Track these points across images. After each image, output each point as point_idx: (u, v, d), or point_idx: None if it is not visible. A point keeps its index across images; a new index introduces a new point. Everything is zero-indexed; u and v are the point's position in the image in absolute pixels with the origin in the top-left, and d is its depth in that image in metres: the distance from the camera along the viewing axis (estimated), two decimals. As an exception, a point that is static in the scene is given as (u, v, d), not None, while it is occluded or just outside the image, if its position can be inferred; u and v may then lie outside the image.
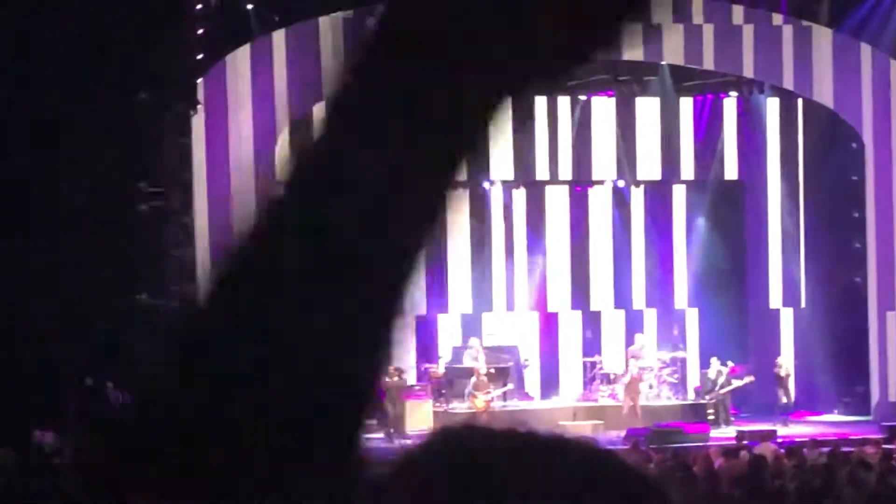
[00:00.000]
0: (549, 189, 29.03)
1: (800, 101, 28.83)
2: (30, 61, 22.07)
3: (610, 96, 29.04)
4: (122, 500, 1.44)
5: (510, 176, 28.27)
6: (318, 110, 25.97)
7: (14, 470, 18.81)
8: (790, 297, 29.33)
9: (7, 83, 21.90)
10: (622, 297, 29.14)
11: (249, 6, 25.88)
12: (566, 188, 29.14)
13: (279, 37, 26.07)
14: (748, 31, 27.53)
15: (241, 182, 25.47)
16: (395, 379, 23.72)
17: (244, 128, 25.83)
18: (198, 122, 25.31)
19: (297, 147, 1.46)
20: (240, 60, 25.90)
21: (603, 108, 29.05)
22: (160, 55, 23.92)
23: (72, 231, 22.61)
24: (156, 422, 1.44)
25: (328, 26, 26.14)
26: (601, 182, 29.19)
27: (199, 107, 25.00)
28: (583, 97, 28.67)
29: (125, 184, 24.21)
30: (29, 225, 22.26)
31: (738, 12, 27.58)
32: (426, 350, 27.64)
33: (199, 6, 25.01)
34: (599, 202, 29.24)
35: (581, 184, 29.12)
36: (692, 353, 28.78)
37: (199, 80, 25.10)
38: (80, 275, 22.49)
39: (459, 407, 25.21)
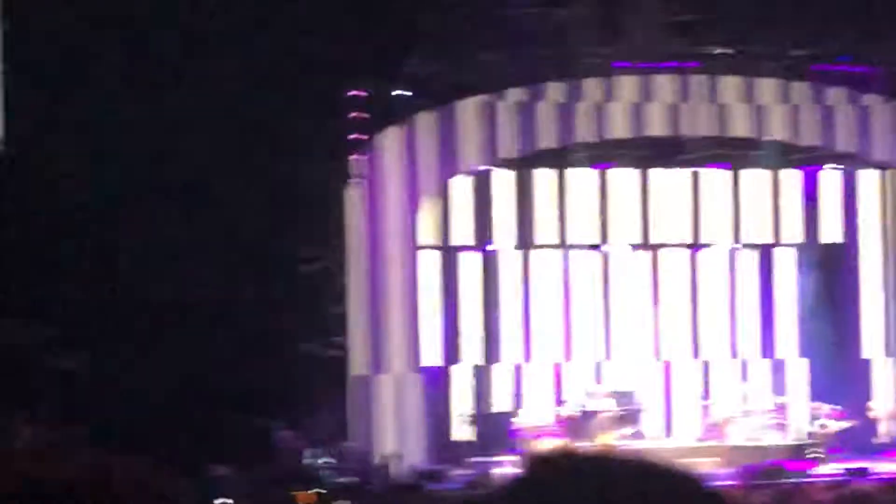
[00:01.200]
0: (666, 251, 28.98)
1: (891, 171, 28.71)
2: (207, 137, 22.63)
3: (722, 168, 28.88)
4: None
5: (638, 240, 28.51)
6: (454, 182, 26.52)
7: (190, 499, 19.48)
8: (890, 347, 28.99)
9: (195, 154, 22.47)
10: (733, 347, 28.86)
11: (398, 93, 26.02)
12: (684, 250, 28.95)
13: (423, 119, 26.17)
14: (848, 111, 27.49)
15: (390, 246, 25.99)
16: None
17: (393, 198, 25.93)
18: (353, 195, 25.70)
19: None
20: (390, 139, 26.01)
21: (717, 178, 28.87)
22: (323, 136, 24.57)
23: (249, 284, 23.13)
24: None
25: (465, 110, 26.37)
26: (715, 244, 28.96)
27: (355, 180, 25.64)
28: (699, 168, 28.61)
29: (292, 246, 24.76)
30: (212, 274, 22.76)
31: (837, 94, 27.48)
32: (557, 394, 27.66)
33: (355, 93, 25.57)
34: (713, 262, 29.02)
35: (696, 246, 28.92)
36: (796, 399, 28.39)
37: (356, 157, 25.65)
38: (253, 321, 23.08)
39: (589, 445, 24.73)
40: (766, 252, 29.36)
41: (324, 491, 21.48)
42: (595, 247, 28.52)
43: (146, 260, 22.30)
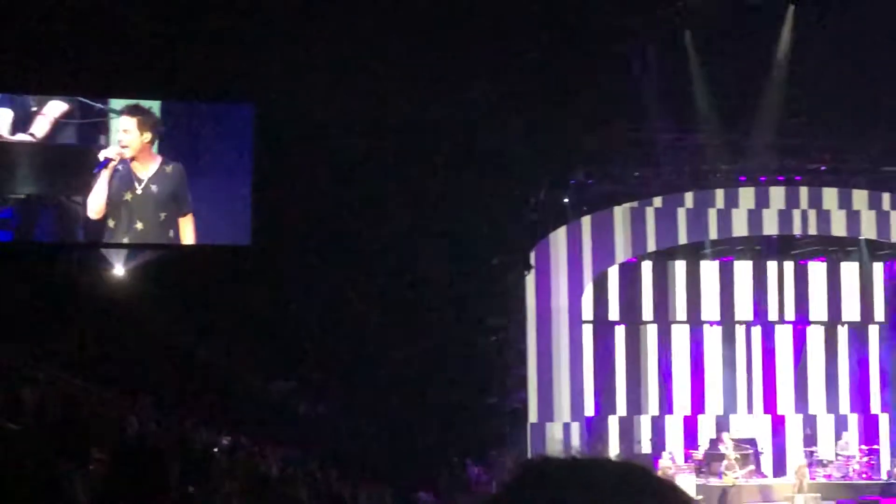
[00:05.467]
0: (778, 327, 28.29)
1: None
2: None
3: (822, 261, 28.32)
4: None
5: (749, 318, 27.97)
6: (609, 272, 26.42)
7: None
8: None
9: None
10: (832, 404, 28.12)
11: (566, 199, 25.99)
12: (790, 326, 28.28)
13: (586, 221, 26.07)
14: (924, 214, 26.95)
15: (558, 321, 25.69)
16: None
17: (561, 283, 25.76)
18: (530, 279, 25.45)
19: None
20: (559, 237, 25.90)
21: (817, 269, 28.33)
22: (510, 234, 24.55)
23: (454, 352, 22.92)
24: None
25: (619, 213, 26.19)
26: (817, 322, 28.38)
27: (531, 269, 25.36)
28: (802, 262, 28.11)
29: (482, 320, 24.65)
30: (426, 345, 22.63)
31: None
32: (691, 440, 27.19)
33: (532, 201, 25.51)
34: (815, 336, 28.38)
35: (801, 322, 28.30)
36: (885, 446, 27.61)
37: (532, 251, 25.43)
38: (455, 380, 22.83)
39: (715, 482, 24.68)
40: (857, 329, 28.57)
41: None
42: (720, 323, 28.00)
43: (375, 331, 22.13)
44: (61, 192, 19.54)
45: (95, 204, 19.46)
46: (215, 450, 20.86)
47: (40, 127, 19.04)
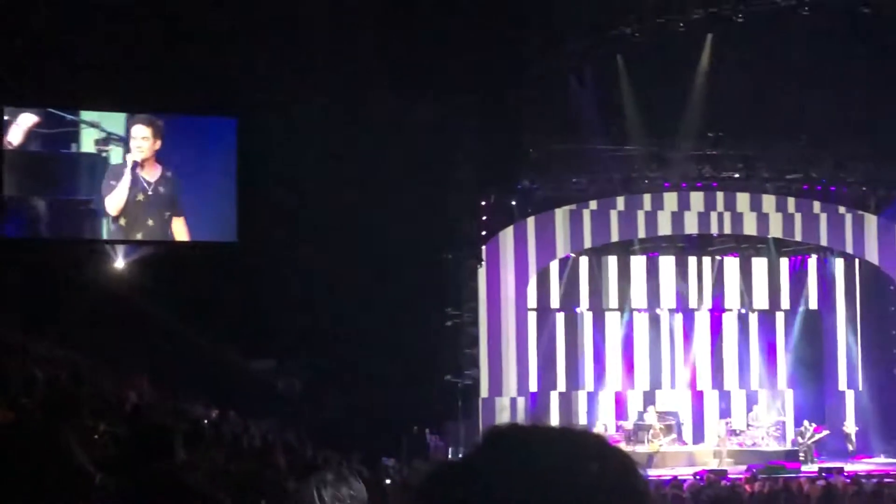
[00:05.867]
0: (698, 313, 28.42)
1: (857, 260, 28.05)
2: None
3: (735, 257, 28.46)
4: None
5: (672, 306, 28.12)
6: (551, 266, 26.35)
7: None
8: (853, 382, 28.26)
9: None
10: (745, 381, 28.27)
11: (513, 202, 26.00)
12: (708, 313, 28.44)
13: (531, 221, 26.05)
14: (823, 217, 27.04)
15: (506, 309, 25.65)
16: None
17: (508, 276, 25.71)
18: (482, 272, 25.48)
19: None
20: (507, 235, 25.87)
21: (731, 264, 28.47)
22: (463, 232, 24.48)
23: (412, 335, 22.83)
24: None
25: (559, 215, 26.22)
26: (731, 309, 28.49)
27: (482, 262, 25.37)
28: (718, 257, 28.27)
29: (440, 307, 24.59)
30: (386, 329, 22.47)
31: (816, 205, 27.04)
32: (621, 412, 27.29)
33: (483, 203, 25.51)
34: (729, 321, 28.52)
35: (717, 310, 28.45)
36: (789, 417, 27.82)
37: (483, 248, 25.44)
38: (414, 359, 22.74)
39: (642, 449, 24.62)
40: (766, 315, 28.76)
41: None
42: (647, 310, 28.09)
43: (344, 317, 22.09)
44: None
45: (117, 203, 19.52)
46: (205, 422, 20.89)
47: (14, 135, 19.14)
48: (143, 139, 19.54)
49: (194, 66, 19.97)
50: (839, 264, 28.57)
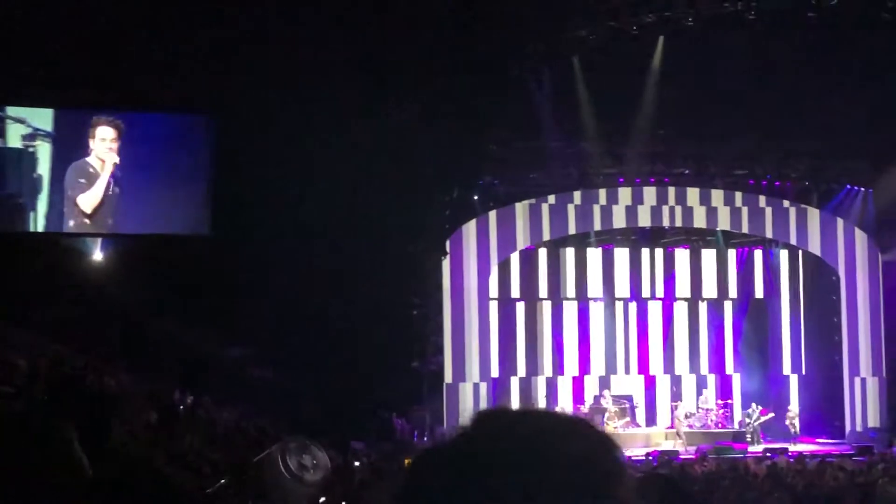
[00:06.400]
0: (650, 302, 28.54)
1: (800, 251, 28.30)
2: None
3: (686, 248, 28.61)
4: None
5: (627, 295, 28.24)
6: (512, 257, 26.38)
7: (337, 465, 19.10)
8: (797, 367, 28.53)
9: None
10: (695, 366, 28.43)
11: (476, 197, 26.09)
12: (660, 302, 28.56)
13: (492, 215, 26.13)
14: (769, 211, 27.26)
15: (468, 298, 25.72)
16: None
17: (471, 267, 25.79)
18: (446, 264, 25.50)
19: None
20: (470, 228, 25.95)
21: (682, 255, 28.62)
22: (428, 226, 24.48)
23: (380, 323, 22.80)
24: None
25: (519, 209, 26.28)
26: (682, 298, 28.59)
27: (446, 255, 25.41)
28: (670, 249, 28.43)
29: (406, 297, 24.57)
30: (356, 317, 22.42)
31: (762, 200, 27.24)
32: (578, 396, 27.36)
33: (447, 198, 25.51)
34: (680, 310, 28.63)
35: (669, 299, 28.57)
36: (736, 400, 28.01)
37: (447, 241, 25.49)
38: (382, 347, 22.69)
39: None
40: (715, 304, 28.91)
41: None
42: (603, 299, 28.16)
43: (315, 307, 22.02)
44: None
45: (92, 201, 19.37)
46: (181, 407, 20.80)
47: None
48: (112, 140, 19.38)
49: (165, 62, 19.82)
50: (784, 255, 28.78)
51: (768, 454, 21.99)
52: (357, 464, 18.65)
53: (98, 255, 21.38)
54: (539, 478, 1.49)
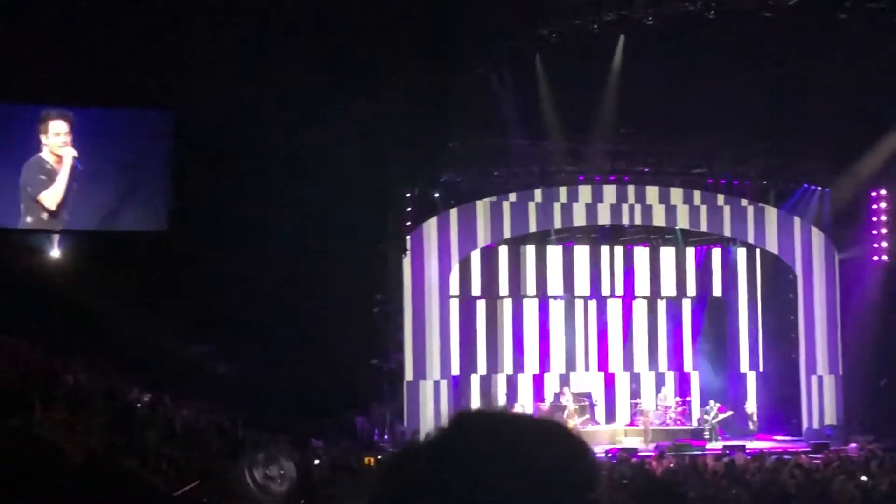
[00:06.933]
0: (610, 300, 28.59)
1: (758, 250, 28.44)
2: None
3: (645, 246, 28.69)
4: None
5: (586, 293, 28.28)
6: (472, 255, 26.36)
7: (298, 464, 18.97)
8: (754, 365, 28.68)
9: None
10: (653, 363, 28.51)
11: (437, 194, 26.02)
12: (619, 300, 28.59)
13: (453, 212, 26.08)
14: (727, 209, 27.39)
15: (429, 296, 25.64)
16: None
17: (432, 264, 25.71)
18: (407, 261, 25.38)
19: None
20: (431, 226, 25.87)
21: (641, 253, 28.70)
22: (389, 223, 24.39)
23: (343, 320, 22.70)
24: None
25: (480, 206, 26.26)
26: (641, 296, 28.68)
27: (407, 252, 25.29)
28: (629, 247, 28.45)
29: (367, 295, 24.47)
30: (319, 314, 22.29)
31: (720, 198, 27.38)
32: (538, 394, 27.35)
33: (409, 195, 25.44)
34: (639, 308, 28.71)
35: (628, 296, 28.64)
36: (695, 398, 28.11)
37: (408, 238, 25.37)
38: (344, 344, 22.59)
39: None
40: (673, 302, 29.02)
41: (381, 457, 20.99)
42: (563, 297, 28.13)
43: (276, 304, 21.87)
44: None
45: (55, 196, 19.14)
46: (138, 405, 20.59)
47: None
48: (66, 134, 19.15)
49: (127, 57, 19.62)
50: (741, 254, 28.91)
51: (726, 451, 22.04)
52: (316, 462, 18.57)
53: (55, 252, 21.14)
54: (518, 483, 1.50)
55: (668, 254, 28.68)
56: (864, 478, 16.41)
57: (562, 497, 1.52)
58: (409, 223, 25.40)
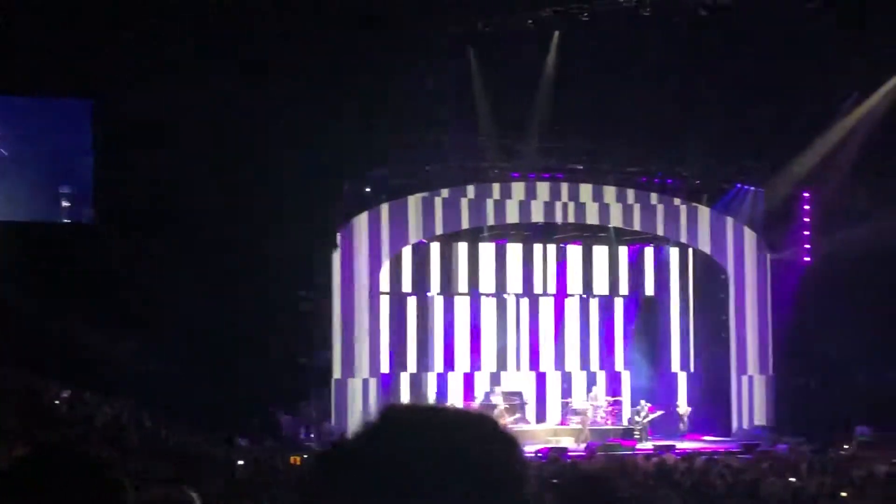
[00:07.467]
0: (542, 298, 28.50)
1: (690, 249, 28.51)
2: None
3: (578, 244, 28.63)
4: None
5: (519, 290, 28.14)
6: (403, 251, 26.14)
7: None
8: (685, 365, 28.76)
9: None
10: (585, 363, 28.47)
11: (368, 189, 25.67)
12: (552, 298, 28.52)
13: (384, 208, 25.72)
14: (660, 208, 27.43)
15: (359, 293, 25.28)
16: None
17: (362, 260, 25.36)
18: (336, 257, 25.04)
19: None
20: (362, 221, 25.50)
21: (574, 251, 28.64)
22: (319, 219, 24.09)
23: (269, 316, 22.44)
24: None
25: (412, 202, 25.93)
26: (574, 295, 28.62)
27: (337, 248, 24.93)
28: (562, 245, 28.41)
29: (294, 291, 24.14)
30: (245, 310, 21.93)
31: (654, 197, 27.39)
32: (469, 392, 27.16)
33: (339, 190, 25.11)
34: (571, 306, 28.65)
35: (560, 295, 28.56)
36: (626, 397, 28.12)
37: (338, 233, 25.03)
38: (269, 341, 22.39)
39: None
40: (605, 300, 29.01)
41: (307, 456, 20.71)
42: (495, 295, 28.05)
43: (202, 301, 21.43)
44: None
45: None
46: (56, 402, 20.07)
47: None
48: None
49: (49, 47, 19.10)
50: (674, 253, 28.99)
51: (657, 451, 22.01)
52: (241, 463, 18.22)
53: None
54: (446, 477, 1.49)
55: (601, 252, 28.62)
56: (793, 479, 16.40)
57: (491, 492, 1.51)
58: (339, 218, 25.02)
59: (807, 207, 27.03)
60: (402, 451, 1.53)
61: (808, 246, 27.02)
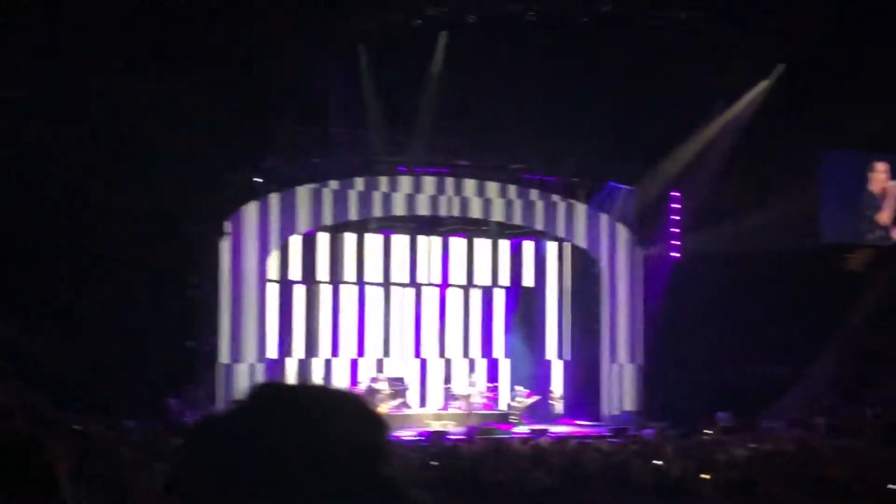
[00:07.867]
0: (425, 288, 28.92)
1: (568, 244, 29.29)
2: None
3: (462, 237, 29.16)
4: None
5: (405, 280, 28.60)
6: (291, 241, 26.16)
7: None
8: (560, 353, 29.52)
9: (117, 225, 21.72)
10: (466, 350, 29.08)
11: (257, 179, 25.80)
12: (436, 288, 28.94)
13: (274, 197, 25.88)
14: (540, 204, 28.08)
15: (247, 279, 25.50)
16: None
17: (250, 248, 25.54)
18: (225, 244, 25.23)
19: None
20: (251, 210, 25.65)
21: (458, 244, 29.15)
22: (207, 207, 24.13)
23: (155, 301, 22.46)
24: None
25: (301, 193, 26.16)
26: (456, 285, 29.15)
27: (225, 235, 25.15)
28: (449, 236, 28.90)
29: (182, 279, 24.18)
30: (131, 295, 21.92)
31: (534, 193, 28.05)
32: (354, 378, 27.52)
33: (229, 179, 25.15)
34: (454, 296, 29.18)
35: (444, 285, 29.04)
36: (504, 383, 28.77)
37: (227, 221, 25.23)
38: (157, 325, 22.41)
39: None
40: (486, 291, 29.57)
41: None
42: (381, 284, 28.39)
43: (94, 285, 21.42)
44: None
45: None
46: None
47: None
48: None
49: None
50: (552, 247, 29.69)
51: (533, 435, 22.59)
52: (126, 448, 18.29)
53: None
54: (312, 453, 1.52)
55: (483, 245, 29.20)
56: (658, 461, 16.94)
57: (356, 467, 1.53)
58: (228, 207, 25.13)
59: (676, 206, 27.97)
60: (267, 424, 1.54)
61: (677, 242, 27.98)
